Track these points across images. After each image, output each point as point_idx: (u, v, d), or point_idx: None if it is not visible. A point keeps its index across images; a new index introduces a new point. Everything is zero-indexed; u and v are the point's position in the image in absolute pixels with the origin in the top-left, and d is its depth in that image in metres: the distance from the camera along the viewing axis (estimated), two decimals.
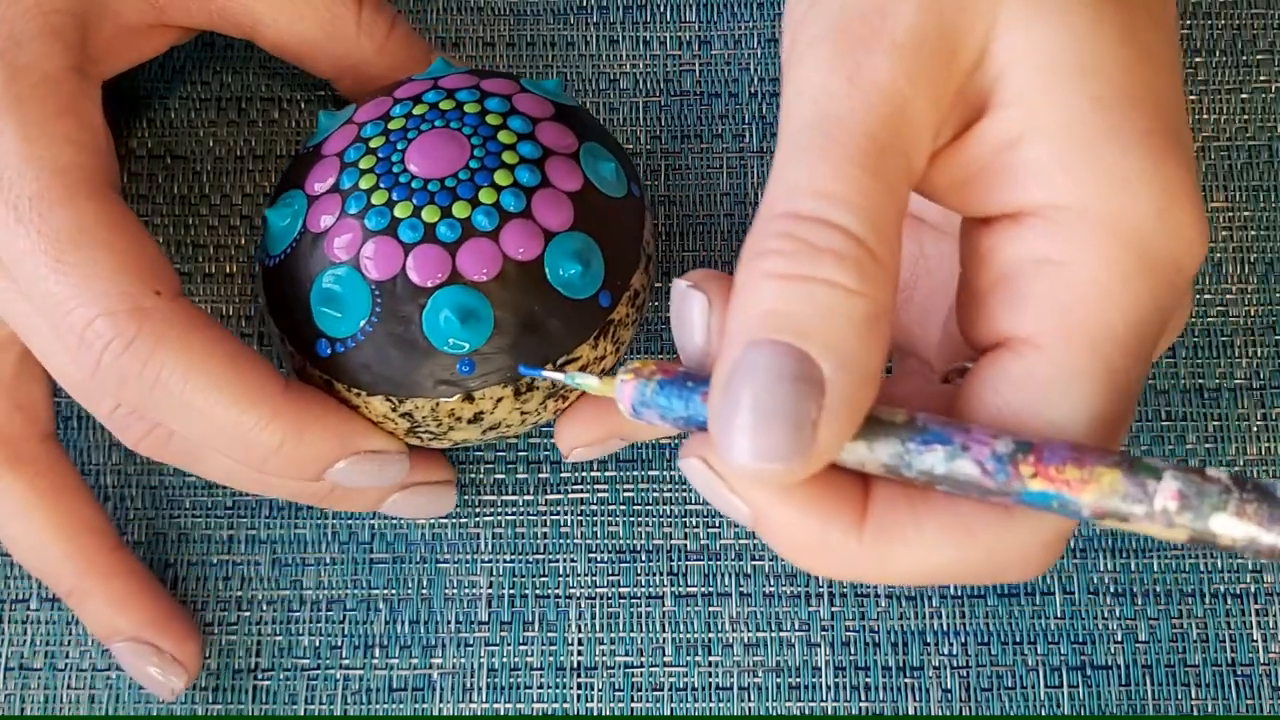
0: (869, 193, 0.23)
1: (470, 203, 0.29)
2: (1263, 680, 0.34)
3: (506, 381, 0.29)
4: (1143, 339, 0.24)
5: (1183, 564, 0.35)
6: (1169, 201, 0.23)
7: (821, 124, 0.23)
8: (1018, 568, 0.24)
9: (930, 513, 0.24)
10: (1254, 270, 0.37)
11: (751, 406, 0.22)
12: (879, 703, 0.34)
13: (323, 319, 0.30)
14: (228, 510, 0.36)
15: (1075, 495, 0.22)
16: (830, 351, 0.22)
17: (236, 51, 0.38)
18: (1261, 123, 0.38)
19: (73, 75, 0.30)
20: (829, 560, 0.24)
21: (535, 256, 0.29)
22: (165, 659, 0.33)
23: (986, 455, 0.23)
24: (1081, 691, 0.34)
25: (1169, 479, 0.22)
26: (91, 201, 0.29)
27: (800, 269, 0.23)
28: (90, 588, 0.33)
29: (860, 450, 0.24)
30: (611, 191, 0.31)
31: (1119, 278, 0.23)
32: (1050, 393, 0.24)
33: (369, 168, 0.30)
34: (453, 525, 0.35)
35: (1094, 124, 0.24)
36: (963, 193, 0.25)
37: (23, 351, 0.32)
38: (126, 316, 0.28)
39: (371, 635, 0.35)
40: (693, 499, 0.35)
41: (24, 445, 0.33)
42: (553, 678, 0.34)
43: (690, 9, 0.39)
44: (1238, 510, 0.21)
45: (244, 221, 0.37)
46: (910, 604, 0.35)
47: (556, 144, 0.31)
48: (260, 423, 0.29)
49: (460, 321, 0.29)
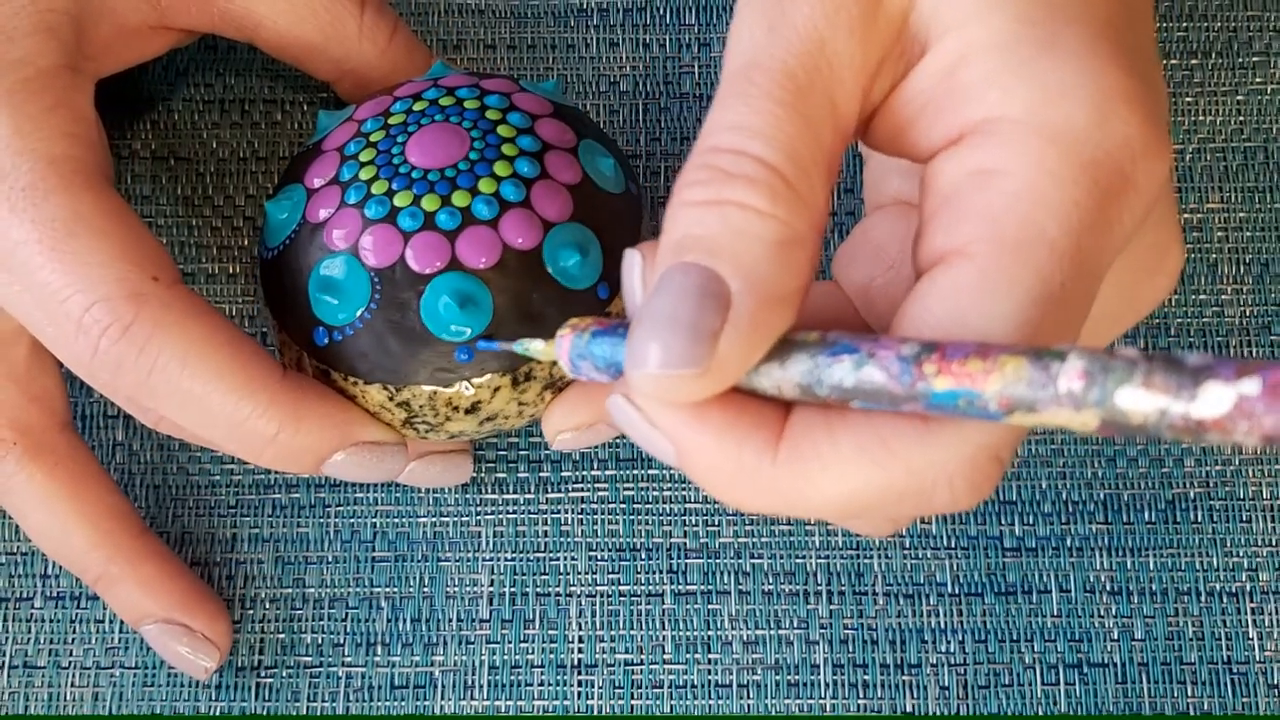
0: (784, 125, 0.23)
1: (470, 192, 0.30)
2: (1258, 678, 0.34)
3: (504, 370, 0.30)
4: (1082, 248, 0.23)
5: (1179, 562, 0.35)
6: (1108, 107, 0.23)
7: (745, 70, 0.24)
8: (945, 491, 0.23)
9: (847, 430, 0.23)
10: (1249, 271, 0.37)
11: (656, 318, 0.23)
12: (877, 700, 0.34)
13: (321, 307, 0.30)
14: (230, 509, 0.36)
15: (980, 389, 0.21)
16: (739, 270, 0.23)
17: (239, 54, 0.39)
18: (1257, 125, 0.38)
19: (65, 71, 0.30)
20: (746, 487, 0.24)
21: (534, 246, 0.29)
22: (196, 639, 0.33)
23: (891, 358, 0.22)
24: (1078, 689, 0.34)
25: (1074, 359, 0.21)
26: (87, 191, 0.29)
27: (714, 194, 0.23)
28: (118, 573, 0.33)
29: (775, 372, 0.23)
30: (610, 187, 0.31)
31: (1052, 181, 0.23)
32: (976, 300, 0.23)
33: (369, 160, 0.30)
34: (454, 523, 0.36)
35: (1028, 40, 0.23)
36: (910, 134, 0.25)
37: (33, 343, 0.32)
38: (124, 302, 0.28)
39: (374, 633, 0.35)
40: (692, 497, 0.36)
41: (43, 436, 0.33)
42: (553, 675, 0.35)
43: (690, 11, 0.39)
44: (1144, 381, 0.20)
45: (247, 222, 0.38)
46: (908, 602, 0.35)
47: (556, 139, 0.31)
48: (257, 411, 0.29)
49: (459, 307, 0.29)
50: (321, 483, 0.36)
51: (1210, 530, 0.35)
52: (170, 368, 0.29)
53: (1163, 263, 0.27)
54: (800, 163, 0.23)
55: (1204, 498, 0.35)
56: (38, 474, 0.33)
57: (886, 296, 0.29)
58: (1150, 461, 0.36)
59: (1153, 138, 0.23)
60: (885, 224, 0.30)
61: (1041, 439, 0.36)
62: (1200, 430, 0.19)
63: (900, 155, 0.26)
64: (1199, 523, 0.35)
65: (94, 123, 0.31)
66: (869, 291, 0.30)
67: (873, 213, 0.32)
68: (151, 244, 0.30)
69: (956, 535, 0.35)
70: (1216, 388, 0.19)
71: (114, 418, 0.36)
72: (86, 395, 0.36)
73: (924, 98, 0.25)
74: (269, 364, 0.30)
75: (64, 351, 0.30)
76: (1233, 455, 0.36)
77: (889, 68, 0.25)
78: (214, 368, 0.29)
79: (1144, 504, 0.35)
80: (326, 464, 0.30)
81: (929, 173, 0.25)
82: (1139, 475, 0.36)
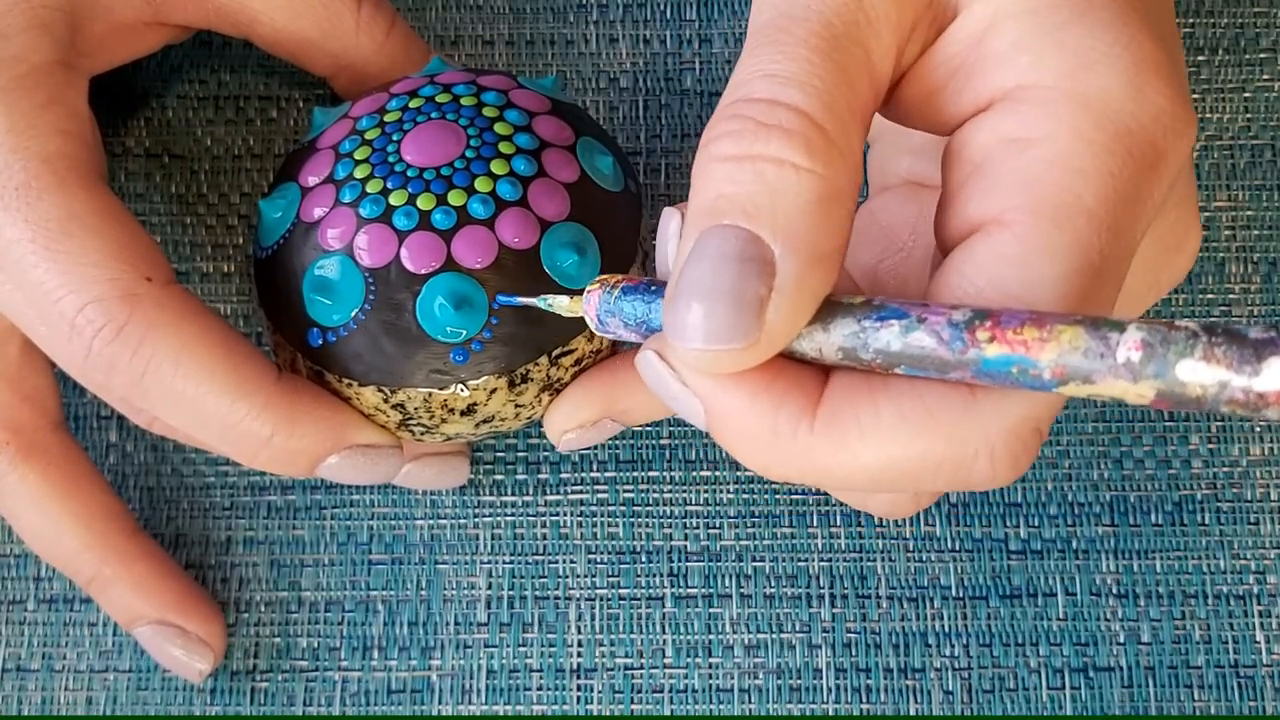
0: (821, 74, 0.23)
1: (466, 191, 0.29)
2: (1265, 682, 0.34)
3: (501, 372, 0.29)
4: (1117, 217, 0.23)
5: (1185, 565, 0.35)
6: (1141, 79, 0.23)
7: (778, 20, 0.23)
8: (985, 462, 0.23)
9: (889, 396, 0.23)
10: (1257, 270, 0.37)
11: (698, 288, 0.22)
12: (880, 705, 0.34)
13: (315, 307, 0.29)
14: (225, 511, 0.35)
15: (1035, 356, 0.21)
16: (779, 231, 0.22)
17: (234, 50, 0.38)
18: (1264, 122, 0.38)
19: (59, 68, 0.30)
20: (778, 453, 0.23)
21: (531, 245, 0.29)
22: (190, 640, 0.33)
23: (943, 324, 0.22)
24: (1084, 693, 0.34)
25: (1133, 330, 0.20)
26: (81, 189, 0.29)
27: (747, 148, 0.22)
28: (111, 575, 0.33)
29: (817, 335, 0.23)
30: (609, 185, 0.31)
31: (1088, 150, 0.22)
32: (1017, 269, 0.22)
33: (364, 158, 0.30)
34: (451, 526, 0.35)
35: (1060, 7, 0.23)
36: (938, 100, 0.25)
37: (24, 342, 0.32)
38: (118, 302, 0.28)
39: (370, 637, 0.35)
40: (693, 500, 0.35)
41: (35, 436, 0.33)
42: (552, 679, 0.34)
43: (690, 7, 0.39)
44: (1205, 354, 0.19)
45: (241, 221, 0.37)
46: (912, 605, 0.34)
47: (553, 137, 0.31)
48: (252, 413, 0.29)
49: (454, 308, 0.28)
50: (317, 485, 0.35)
51: (1218, 532, 0.35)
52: (164, 369, 0.28)
53: (1184, 241, 0.27)
54: (837, 113, 0.23)
55: (1211, 500, 0.35)
56: (30, 474, 0.32)
57: (897, 277, 0.29)
58: (1157, 463, 0.35)
59: (1182, 112, 0.23)
60: (893, 205, 0.30)
61: (1047, 441, 0.35)
62: (1260, 405, 0.19)
63: (924, 125, 0.26)
64: (1206, 525, 0.35)
65: (88, 120, 0.31)
66: (877, 273, 0.29)
67: (879, 195, 0.31)
68: (146, 242, 0.29)
69: (961, 538, 0.35)
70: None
71: (107, 419, 0.36)
72: (79, 396, 0.36)
73: (954, 63, 0.24)
74: (264, 366, 0.29)
75: (57, 352, 0.29)
76: (1240, 457, 0.35)
77: (920, 31, 0.24)
78: (208, 369, 0.28)
79: (1150, 506, 0.35)
80: (321, 467, 0.30)
81: (957, 141, 0.24)
82: (1145, 477, 0.35)
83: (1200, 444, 0.35)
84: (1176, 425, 0.36)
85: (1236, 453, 0.35)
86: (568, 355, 0.30)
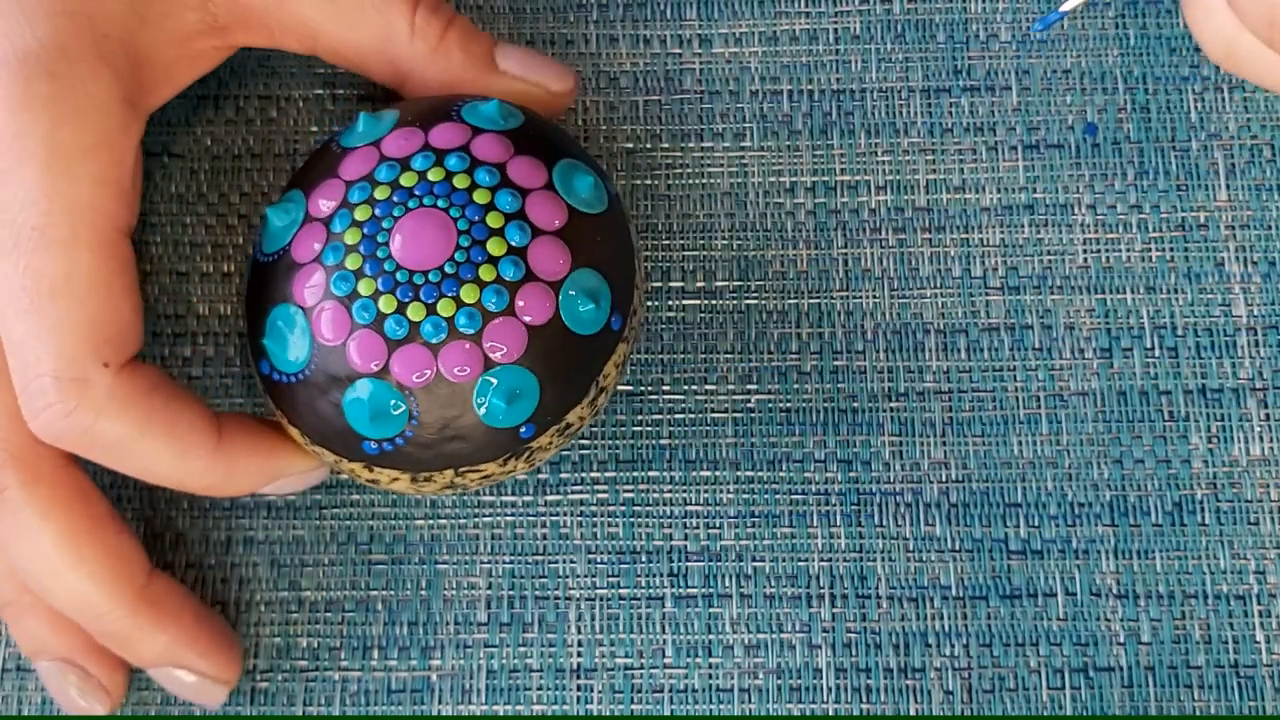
0: None
1: (454, 301, 0.30)
2: (1266, 682, 0.34)
3: (405, 470, 0.31)
4: None
5: (1185, 564, 0.35)
6: None
7: None
8: None
9: None
10: (1257, 269, 0.37)
11: None
12: (880, 705, 0.34)
13: (273, 338, 0.31)
14: (225, 511, 0.35)
15: None
16: None
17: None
18: (1264, 120, 0.37)
19: (119, 105, 0.31)
20: None
21: (516, 358, 0.30)
22: (205, 680, 0.33)
23: None
24: (1084, 693, 0.34)
25: None
26: (89, 250, 0.29)
27: None
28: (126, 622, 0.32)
29: None
30: (594, 208, 0.31)
31: None
32: None
33: (354, 243, 0.30)
34: (451, 527, 0.35)
35: None
36: None
37: None
38: (70, 386, 0.29)
39: (370, 637, 0.35)
40: (693, 500, 0.35)
41: (40, 464, 0.31)
42: (552, 680, 0.34)
43: (690, 7, 0.39)
44: None
45: (241, 221, 0.37)
46: (912, 605, 0.34)
47: (529, 181, 0.31)
48: (194, 473, 0.31)
49: (370, 420, 0.30)
50: (317, 485, 0.35)
51: (1218, 532, 0.35)
52: (108, 449, 0.30)
53: None
54: None
55: (1211, 499, 0.35)
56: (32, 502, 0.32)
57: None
58: (1157, 463, 0.35)
59: None
60: None
61: (1046, 440, 0.35)
62: None
63: None
64: (1206, 524, 0.35)
65: (132, 166, 0.31)
66: None
67: None
68: (123, 318, 0.30)
69: (960, 538, 0.35)
70: None
71: None
72: None
73: None
74: (206, 430, 0.31)
75: (16, 392, 0.30)
76: (1240, 457, 0.35)
77: None
78: (153, 448, 0.30)
79: (1150, 506, 0.35)
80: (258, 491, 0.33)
81: None
82: (1145, 476, 0.35)
83: (1200, 444, 0.35)
84: (1176, 424, 0.36)
85: (1236, 453, 0.35)
86: (475, 472, 0.31)
